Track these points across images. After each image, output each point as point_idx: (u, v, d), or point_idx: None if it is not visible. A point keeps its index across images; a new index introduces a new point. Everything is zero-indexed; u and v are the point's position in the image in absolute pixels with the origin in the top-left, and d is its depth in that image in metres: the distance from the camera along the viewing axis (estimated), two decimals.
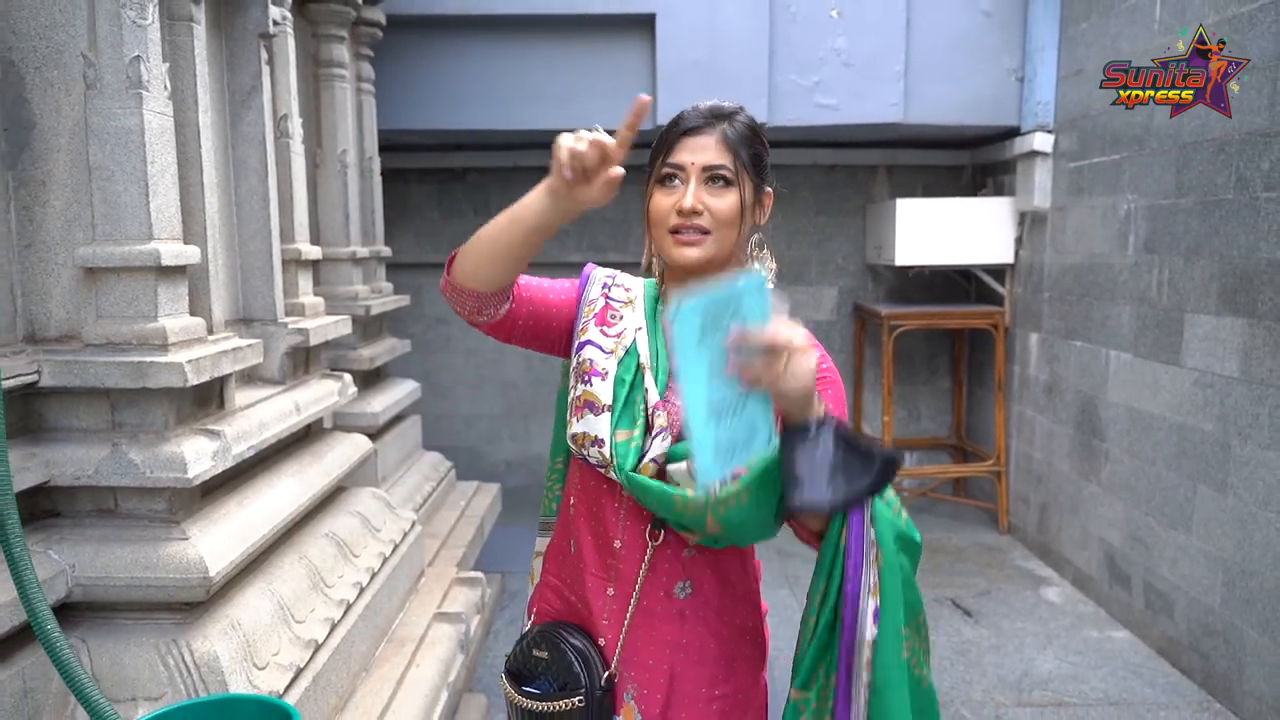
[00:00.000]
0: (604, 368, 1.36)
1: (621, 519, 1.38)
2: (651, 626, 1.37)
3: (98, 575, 1.78)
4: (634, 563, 1.37)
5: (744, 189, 1.33)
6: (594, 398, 1.34)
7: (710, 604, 1.39)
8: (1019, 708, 3.31)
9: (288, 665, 1.93)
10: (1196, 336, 3.44)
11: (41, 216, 1.82)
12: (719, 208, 1.31)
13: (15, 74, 1.78)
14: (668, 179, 1.34)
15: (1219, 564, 3.31)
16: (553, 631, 1.41)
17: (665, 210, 1.33)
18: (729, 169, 1.32)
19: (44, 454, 1.78)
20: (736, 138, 1.33)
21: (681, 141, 1.33)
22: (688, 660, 1.38)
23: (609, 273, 1.50)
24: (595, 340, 1.39)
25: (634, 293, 1.46)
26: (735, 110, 1.36)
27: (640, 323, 1.40)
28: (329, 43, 3.38)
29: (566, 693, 1.35)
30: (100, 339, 1.81)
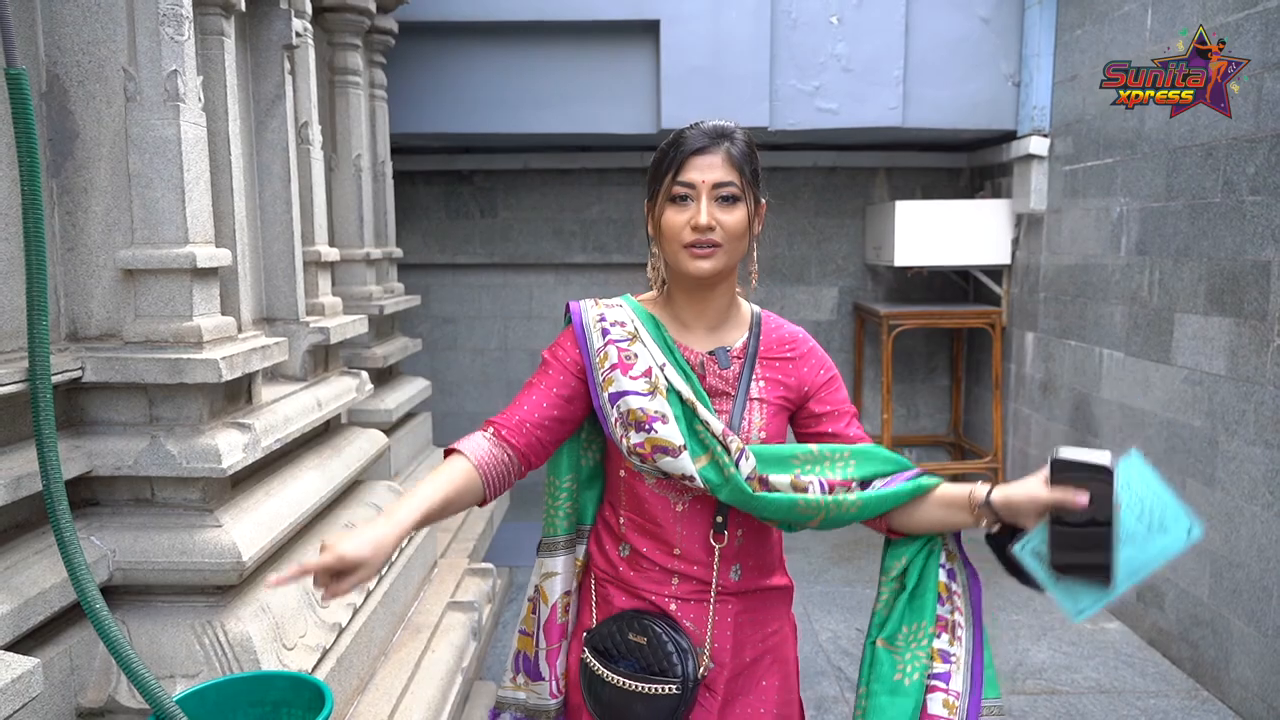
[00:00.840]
0: (658, 411, 1.41)
1: (679, 530, 1.49)
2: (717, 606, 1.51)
3: (137, 560, 1.88)
4: (692, 563, 1.50)
5: (749, 203, 1.43)
6: (666, 443, 1.40)
7: (755, 577, 1.55)
8: (1013, 695, 3.41)
9: (314, 646, 2.04)
10: (1186, 335, 3.54)
11: (84, 221, 1.92)
12: (729, 223, 1.41)
13: (60, 87, 1.89)
14: (679, 198, 1.42)
15: (1207, 557, 3.41)
16: (653, 620, 1.48)
17: (679, 226, 1.41)
18: (736, 186, 1.41)
19: (87, 446, 1.89)
20: (740, 156, 1.42)
21: (690, 161, 1.41)
22: (742, 625, 1.54)
23: (597, 314, 1.52)
24: (630, 389, 1.43)
25: (630, 325, 1.50)
26: (735, 129, 1.45)
27: (660, 358, 1.46)
28: (344, 51, 3.49)
29: (662, 679, 1.42)
30: (139, 337, 1.91)
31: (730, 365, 1.51)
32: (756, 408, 1.50)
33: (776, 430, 1.51)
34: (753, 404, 1.49)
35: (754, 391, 1.50)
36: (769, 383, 1.52)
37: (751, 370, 1.51)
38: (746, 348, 1.53)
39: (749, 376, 1.51)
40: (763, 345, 1.54)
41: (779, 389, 1.52)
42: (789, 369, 1.54)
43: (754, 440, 1.47)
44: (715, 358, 1.50)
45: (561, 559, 1.59)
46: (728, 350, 1.51)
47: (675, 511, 1.49)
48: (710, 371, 1.50)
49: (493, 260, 6.05)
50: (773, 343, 1.55)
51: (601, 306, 1.53)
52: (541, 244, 6.03)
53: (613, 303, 1.55)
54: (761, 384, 1.51)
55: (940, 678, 1.44)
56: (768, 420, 1.50)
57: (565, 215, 6.00)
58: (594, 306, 1.53)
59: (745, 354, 1.52)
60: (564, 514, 1.60)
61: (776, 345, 1.55)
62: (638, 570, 1.53)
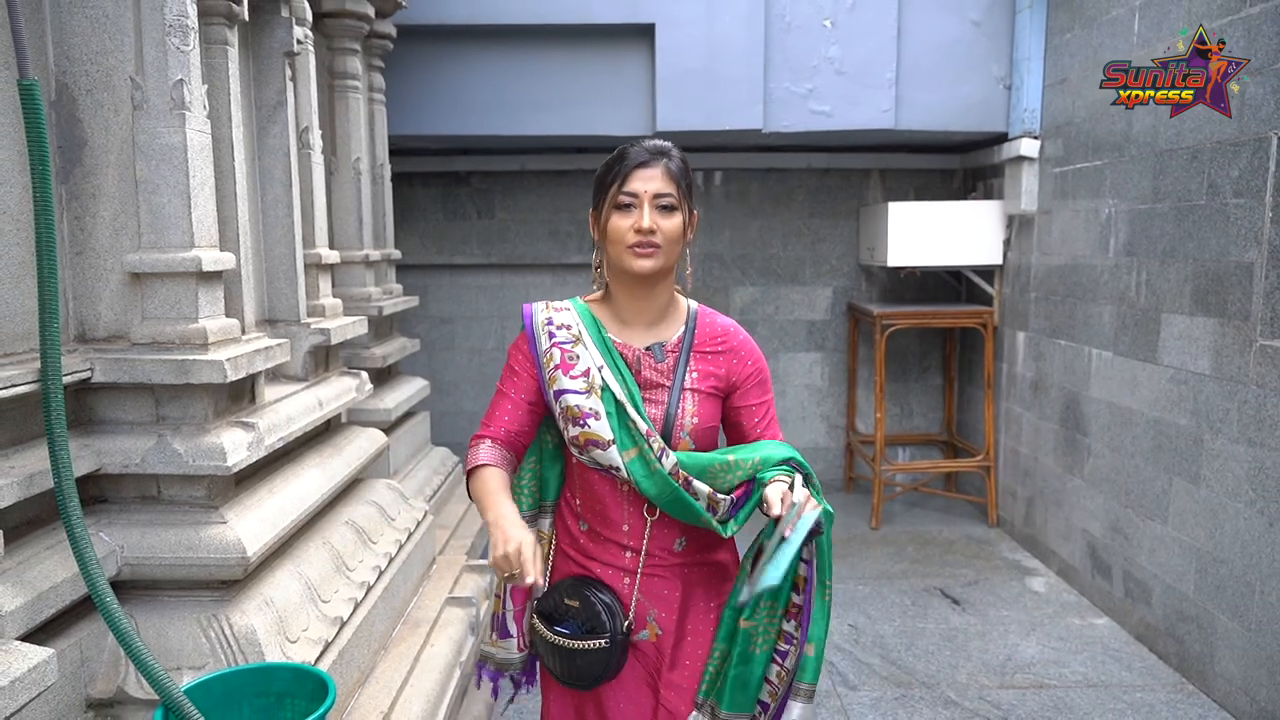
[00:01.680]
0: (592, 408, 1.63)
1: (625, 508, 1.71)
2: (661, 572, 1.73)
3: (144, 555, 1.94)
4: (638, 535, 1.72)
5: (684, 213, 1.65)
6: (597, 437, 1.63)
7: (701, 548, 1.75)
8: (1002, 690, 3.47)
9: (316, 640, 2.10)
10: (1172, 335, 3.60)
11: (92, 226, 1.97)
12: (668, 227, 1.63)
13: (68, 96, 1.94)
14: (624, 205, 1.62)
15: (1193, 553, 3.48)
16: (583, 584, 1.70)
17: (624, 230, 1.62)
18: (674, 197, 1.63)
19: (95, 444, 1.95)
20: (677, 171, 1.65)
21: (634, 173, 1.62)
22: (691, 587, 1.75)
23: (545, 318, 1.73)
24: (569, 388, 1.65)
25: (575, 327, 1.70)
26: (672, 148, 1.67)
27: (599, 359, 1.67)
28: (343, 55, 3.54)
29: (594, 635, 1.66)
30: (146, 339, 1.97)
31: (665, 359, 1.70)
32: (689, 397, 1.68)
33: (708, 415, 1.70)
34: (686, 394, 1.68)
35: (688, 382, 1.69)
36: (701, 374, 1.71)
37: (686, 363, 1.70)
38: (682, 341, 1.71)
39: (684, 369, 1.69)
40: (697, 339, 1.72)
41: (710, 379, 1.71)
42: (720, 361, 1.72)
43: (688, 426, 1.67)
44: (651, 352, 1.70)
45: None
46: (663, 345, 1.71)
47: (621, 492, 1.70)
48: (647, 365, 1.68)
49: (490, 261, 6.10)
50: (706, 336, 1.73)
51: (550, 310, 1.74)
52: (538, 245, 6.08)
53: (561, 305, 1.75)
54: (695, 375, 1.70)
55: (781, 654, 1.69)
56: (699, 407, 1.69)
57: (561, 216, 6.05)
58: (544, 310, 1.74)
59: (680, 347, 1.71)
60: (528, 491, 1.80)
61: (710, 339, 1.73)
62: (597, 543, 1.74)
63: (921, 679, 3.56)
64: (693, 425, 1.67)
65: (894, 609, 4.20)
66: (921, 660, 3.71)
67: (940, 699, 3.41)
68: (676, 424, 1.66)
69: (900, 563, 4.80)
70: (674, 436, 1.67)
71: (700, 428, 1.69)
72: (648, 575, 1.72)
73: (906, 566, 4.74)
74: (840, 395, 6.17)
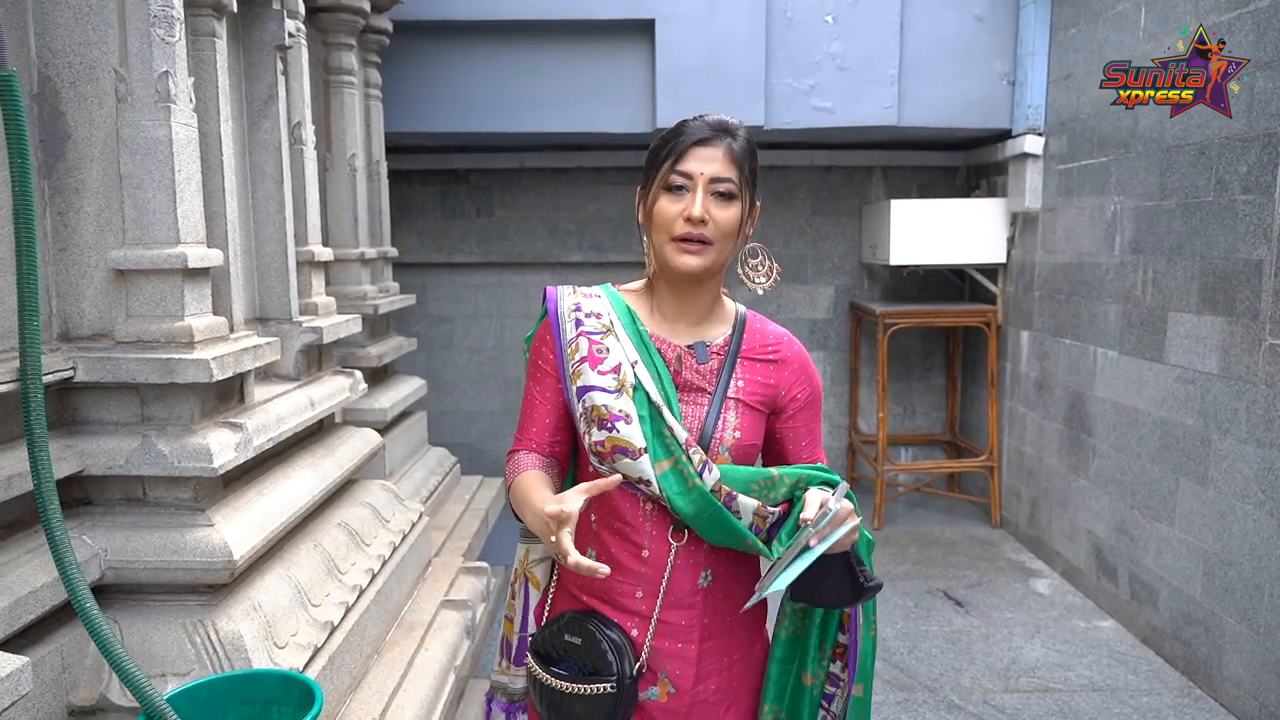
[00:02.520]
0: (622, 410, 1.39)
1: (648, 530, 1.43)
2: (679, 616, 1.44)
3: (128, 559, 1.89)
4: (659, 564, 1.43)
5: (744, 203, 1.41)
6: (626, 444, 1.38)
7: (728, 586, 1.48)
8: (1006, 694, 3.42)
9: (306, 645, 2.05)
10: (1179, 334, 3.55)
11: (75, 222, 1.93)
12: (723, 219, 1.38)
13: (51, 89, 1.89)
14: (676, 187, 1.38)
15: (1200, 555, 3.42)
16: (587, 620, 1.44)
17: (672, 216, 1.38)
18: (734, 182, 1.39)
19: (78, 445, 1.90)
20: (741, 153, 1.40)
21: (691, 151, 1.38)
22: (712, 638, 1.47)
23: (572, 303, 1.49)
24: (596, 384, 1.41)
25: (606, 316, 1.47)
26: (739, 126, 1.43)
27: (633, 354, 1.43)
28: (338, 51, 3.49)
29: (599, 678, 1.40)
30: (130, 337, 1.92)
31: (709, 360, 1.47)
32: (733, 408, 1.45)
33: (750, 431, 1.46)
34: (729, 404, 1.45)
35: (732, 390, 1.46)
36: (748, 383, 1.48)
37: (732, 369, 1.47)
38: (728, 345, 1.49)
39: (729, 375, 1.46)
40: (745, 344, 1.50)
41: (758, 391, 1.48)
42: (770, 371, 1.50)
43: (727, 441, 1.43)
44: (694, 351, 1.47)
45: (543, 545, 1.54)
46: (707, 345, 1.48)
47: (645, 511, 1.44)
48: (687, 365, 1.46)
49: (489, 259, 6.06)
50: (756, 343, 1.51)
51: (579, 295, 1.50)
52: (538, 243, 6.04)
53: (591, 292, 1.52)
54: (740, 383, 1.47)
55: (828, 699, 1.54)
56: (741, 420, 1.45)
57: (561, 214, 6.01)
58: (571, 295, 1.50)
59: (726, 351, 1.48)
60: None
61: (760, 346, 1.51)
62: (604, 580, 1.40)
63: (924, 682, 3.51)
64: (733, 440, 1.44)
65: (897, 611, 4.15)
66: (924, 663, 3.66)
67: (944, 703, 3.36)
68: (715, 437, 1.43)
69: (903, 564, 4.75)
70: (711, 452, 1.43)
71: (741, 444, 1.44)
72: (663, 621, 1.44)
73: (909, 568, 4.69)
74: (842, 395, 6.11)
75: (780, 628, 1.52)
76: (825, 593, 1.39)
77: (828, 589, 1.38)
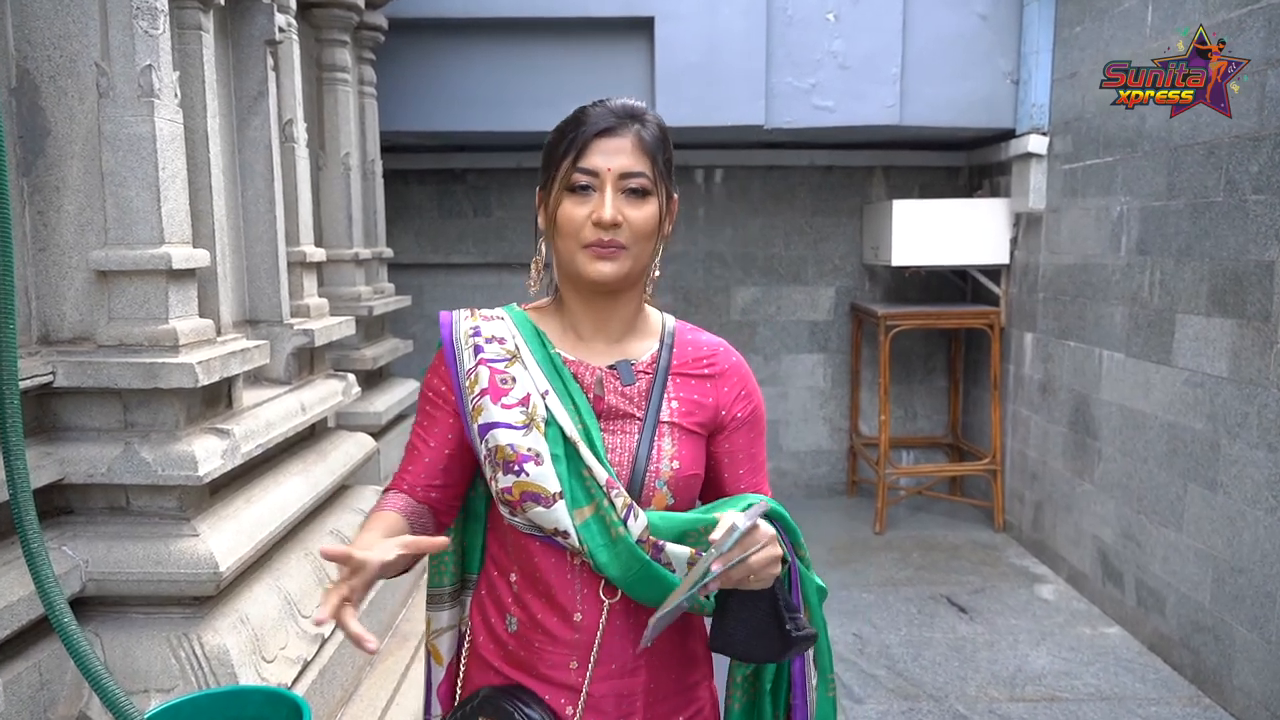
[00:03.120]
0: (531, 449, 1.18)
1: (578, 588, 1.22)
2: (616, 686, 1.24)
3: (110, 570, 1.83)
4: (592, 628, 1.23)
5: (660, 198, 1.22)
6: (538, 489, 1.16)
7: (671, 648, 1.28)
8: (1012, 703, 3.36)
9: (295, 658, 1.99)
10: (1187, 337, 3.49)
11: (55, 221, 1.86)
12: (638, 220, 1.19)
13: (30, 83, 1.83)
14: (580, 187, 1.19)
15: (1209, 561, 3.36)
16: (504, 698, 1.23)
17: (579, 221, 1.19)
18: (648, 177, 1.20)
19: (59, 452, 1.83)
20: (653, 141, 1.21)
21: (594, 144, 1.19)
22: (654, 703, 1.27)
23: (470, 327, 1.27)
24: (500, 420, 1.20)
25: (510, 340, 1.26)
26: (646, 110, 1.24)
27: (543, 383, 1.22)
28: (332, 47, 3.43)
29: None
30: (113, 340, 1.85)
31: (635, 381, 1.25)
32: (667, 433, 1.24)
33: (690, 460, 1.25)
34: (663, 429, 1.24)
35: (665, 414, 1.25)
36: (683, 403, 1.26)
37: (663, 388, 1.26)
38: (656, 361, 1.28)
39: (660, 395, 1.25)
40: (676, 359, 1.29)
41: (694, 411, 1.27)
42: (706, 388, 1.29)
43: (664, 473, 1.22)
44: (616, 372, 1.25)
45: (447, 613, 1.36)
46: (632, 364, 1.26)
47: (572, 566, 1.22)
48: (610, 389, 1.24)
49: (486, 260, 5.99)
50: (688, 356, 1.30)
51: (477, 318, 1.29)
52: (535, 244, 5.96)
53: (492, 314, 1.30)
54: (675, 404, 1.26)
55: None
56: (679, 448, 1.24)
57: None
58: (468, 318, 1.29)
59: (655, 368, 1.27)
60: (451, 559, 1.35)
61: (693, 360, 1.30)
62: (530, 649, 1.24)
63: (929, 691, 3.45)
64: (671, 473, 1.22)
65: (900, 617, 4.08)
66: (929, 671, 3.60)
67: (949, 712, 3.29)
68: (650, 470, 1.21)
69: (905, 569, 4.69)
70: (646, 488, 1.21)
71: (681, 475, 1.23)
72: (596, 695, 1.23)
73: (912, 573, 4.63)
74: (843, 397, 6.05)
75: (733, 700, 1.32)
76: (747, 641, 1.17)
77: (750, 636, 1.16)
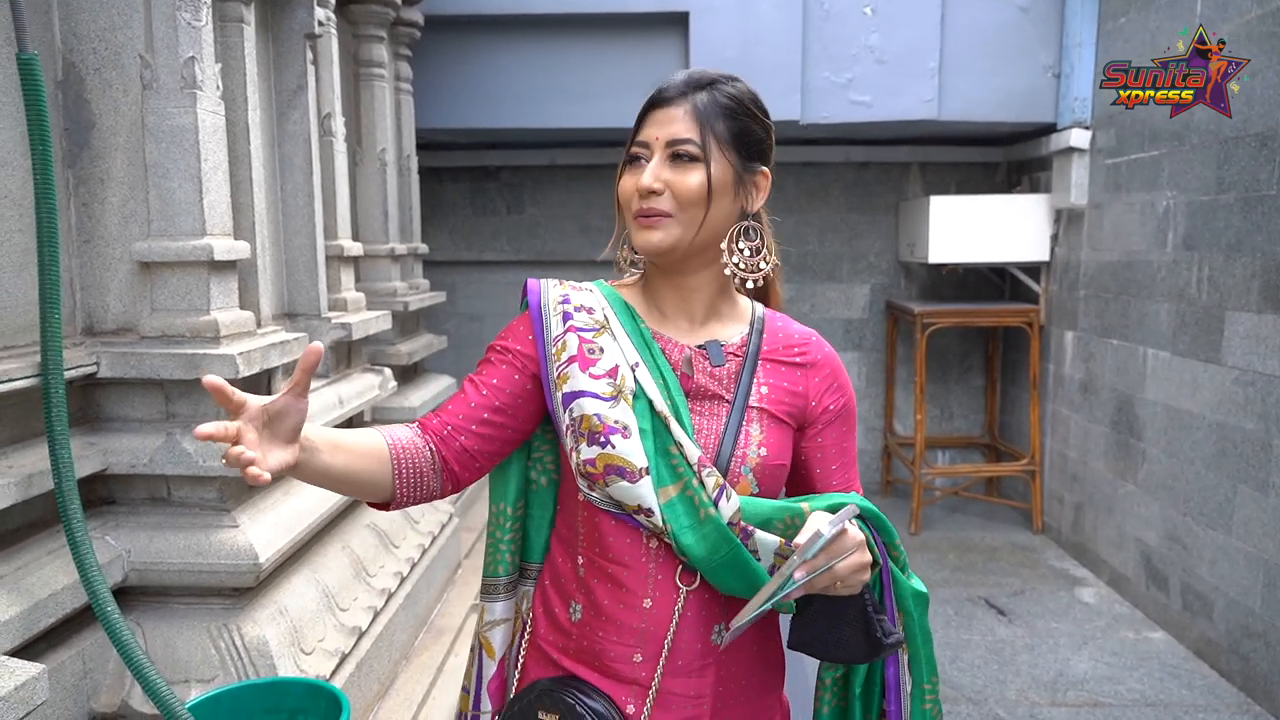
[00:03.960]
0: (619, 421, 1.13)
1: (652, 572, 1.17)
2: (687, 686, 1.19)
3: (152, 560, 1.83)
4: (664, 618, 1.17)
5: (715, 165, 1.16)
6: (624, 463, 1.12)
7: (744, 645, 1.23)
8: (1054, 707, 3.29)
9: (333, 651, 1.98)
10: (1237, 334, 3.40)
11: (100, 213, 1.88)
12: (681, 186, 1.15)
13: (75, 75, 1.84)
14: (635, 159, 1.19)
15: (1260, 565, 3.27)
16: (562, 688, 1.18)
17: (630, 192, 1.19)
18: (695, 143, 1.15)
19: (101, 443, 1.84)
20: (709, 108, 1.16)
21: (650, 115, 1.19)
22: (722, 708, 1.22)
23: (560, 295, 1.24)
24: (587, 390, 1.15)
25: (599, 312, 1.22)
26: (720, 79, 1.19)
27: (632, 355, 1.18)
28: (369, 43, 3.44)
29: None
30: (155, 331, 1.86)
31: (725, 362, 1.21)
32: (756, 419, 1.19)
33: (778, 451, 1.20)
34: (751, 414, 1.19)
35: (754, 398, 1.20)
36: (773, 390, 1.22)
37: (753, 372, 1.22)
38: (746, 344, 1.24)
39: (749, 379, 1.21)
40: (766, 344, 1.24)
41: (784, 399, 1.22)
42: (797, 376, 1.24)
43: (751, 460, 1.17)
44: (706, 352, 1.21)
45: (502, 604, 1.30)
46: (722, 345, 1.22)
47: (648, 550, 1.17)
48: (699, 368, 1.20)
49: (519, 257, 6.00)
50: (779, 343, 1.25)
51: (566, 287, 1.25)
52: (569, 241, 5.97)
53: (582, 286, 1.27)
54: (764, 389, 1.21)
55: None
56: (768, 436, 1.19)
57: (593, 212, 5.93)
58: (558, 286, 1.25)
59: (745, 351, 1.23)
60: (508, 549, 1.29)
61: (784, 347, 1.25)
62: (593, 638, 1.19)
63: (968, 694, 3.39)
64: (758, 460, 1.17)
65: (937, 619, 4.02)
66: (967, 674, 3.54)
67: (988, 715, 3.23)
68: (736, 455, 1.16)
69: (941, 570, 4.62)
70: (731, 473, 1.16)
71: (768, 464, 1.18)
72: (666, 692, 1.17)
73: (948, 575, 4.56)
74: (878, 396, 5.98)
75: (822, 703, 1.27)
76: (830, 644, 1.13)
77: (833, 639, 1.13)
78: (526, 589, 1.31)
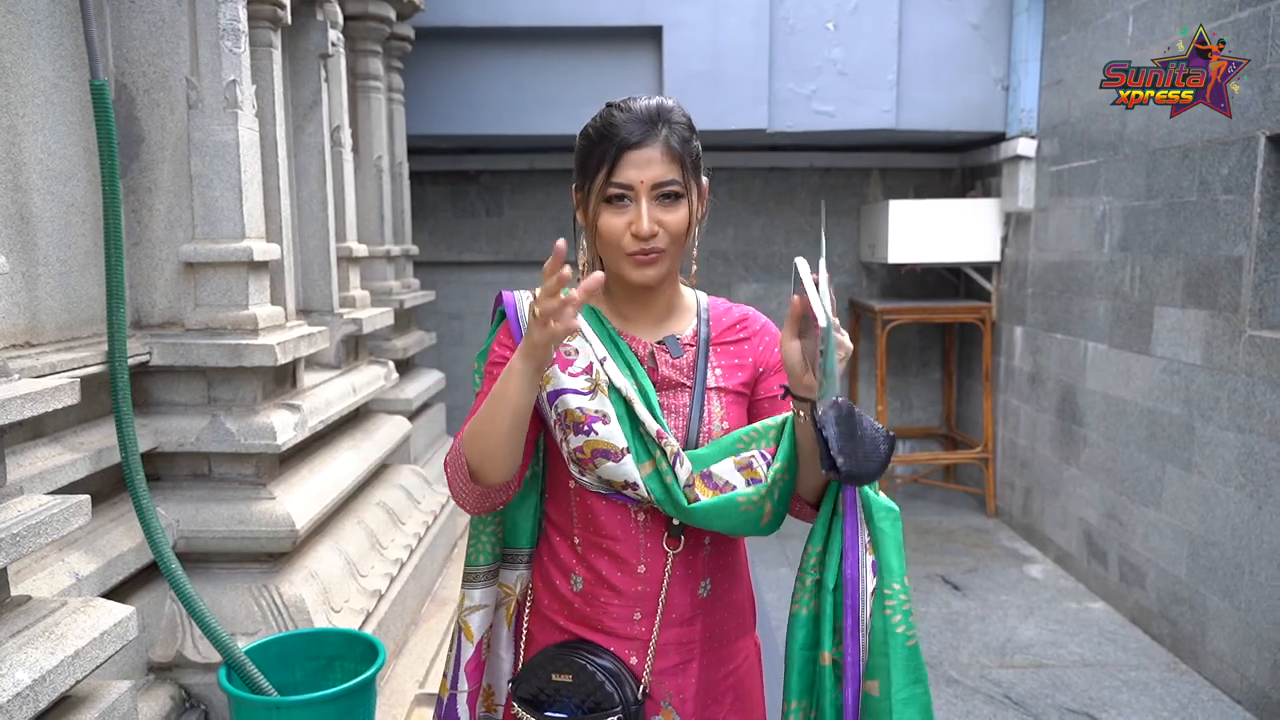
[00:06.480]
0: (598, 410, 1.28)
1: (642, 542, 1.33)
2: (678, 631, 1.35)
3: (198, 529, 2.06)
4: (657, 579, 1.33)
5: (692, 196, 1.30)
6: (607, 445, 1.27)
7: (723, 594, 1.40)
8: (1002, 669, 3.60)
9: (359, 610, 2.22)
10: (1164, 327, 3.73)
11: (148, 219, 2.09)
12: (673, 223, 1.27)
13: (127, 95, 2.06)
14: (616, 199, 1.27)
15: (1185, 537, 3.61)
16: (571, 650, 1.32)
17: (619, 231, 1.27)
18: (678, 182, 1.27)
19: (153, 424, 2.06)
20: (680, 145, 1.28)
21: (625, 158, 1.26)
22: (709, 652, 1.38)
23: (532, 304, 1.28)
24: (568, 387, 1.30)
25: None
26: (672, 108, 1.31)
27: (601, 352, 1.33)
28: (366, 57, 3.65)
29: (601, 713, 1.29)
30: (199, 325, 2.08)
31: (683, 353, 1.37)
32: (715, 398, 1.36)
33: (737, 420, 1.37)
34: (711, 394, 1.36)
35: (711, 380, 1.37)
36: (726, 369, 1.39)
37: (706, 358, 1.38)
38: (698, 335, 1.40)
39: (704, 365, 1.37)
40: (713, 330, 1.41)
41: (736, 374, 1.39)
42: (744, 350, 1.41)
43: (716, 433, 1.33)
44: (665, 346, 1.37)
45: (480, 591, 1.40)
46: (678, 338, 1.38)
47: (636, 522, 1.33)
48: (662, 361, 1.36)
49: (499, 258, 6.21)
50: (723, 326, 1.42)
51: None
52: (546, 242, 6.19)
53: None
54: (719, 371, 1.38)
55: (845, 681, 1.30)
56: (728, 411, 1.36)
57: (569, 214, 6.12)
58: (528, 297, 1.36)
59: (697, 341, 1.39)
60: (489, 539, 1.42)
61: (727, 328, 1.42)
62: (595, 604, 1.34)
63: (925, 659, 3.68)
64: (722, 431, 1.34)
65: None
66: (924, 642, 3.84)
67: (943, 678, 3.53)
68: (703, 431, 1.33)
69: None
70: (700, 446, 1.33)
71: (729, 434, 1.34)
72: (662, 643, 1.34)
73: (908, 555, 4.83)
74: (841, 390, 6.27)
75: (799, 605, 1.32)
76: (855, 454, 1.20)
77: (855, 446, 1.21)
78: (518, 573, 1.42)
